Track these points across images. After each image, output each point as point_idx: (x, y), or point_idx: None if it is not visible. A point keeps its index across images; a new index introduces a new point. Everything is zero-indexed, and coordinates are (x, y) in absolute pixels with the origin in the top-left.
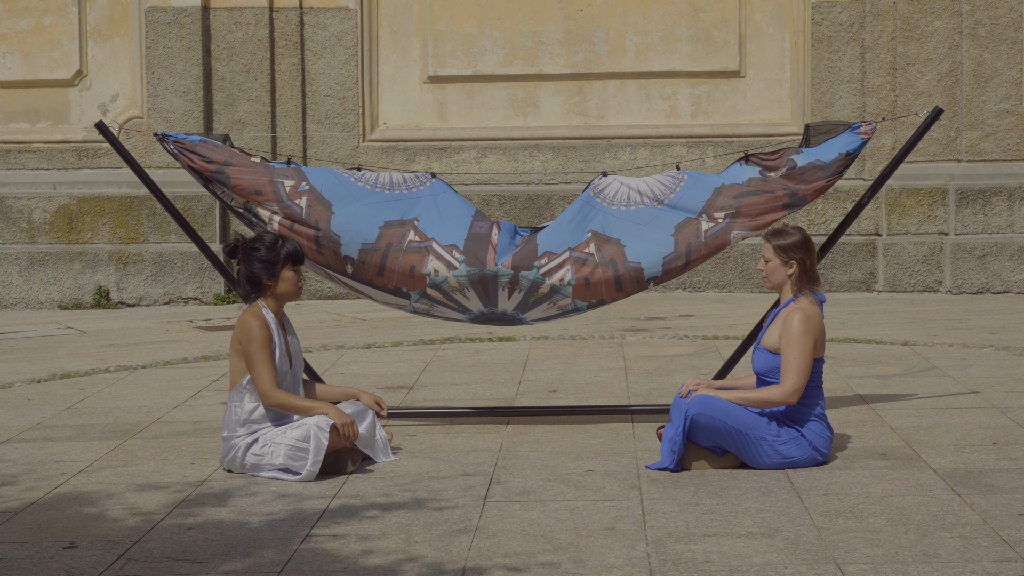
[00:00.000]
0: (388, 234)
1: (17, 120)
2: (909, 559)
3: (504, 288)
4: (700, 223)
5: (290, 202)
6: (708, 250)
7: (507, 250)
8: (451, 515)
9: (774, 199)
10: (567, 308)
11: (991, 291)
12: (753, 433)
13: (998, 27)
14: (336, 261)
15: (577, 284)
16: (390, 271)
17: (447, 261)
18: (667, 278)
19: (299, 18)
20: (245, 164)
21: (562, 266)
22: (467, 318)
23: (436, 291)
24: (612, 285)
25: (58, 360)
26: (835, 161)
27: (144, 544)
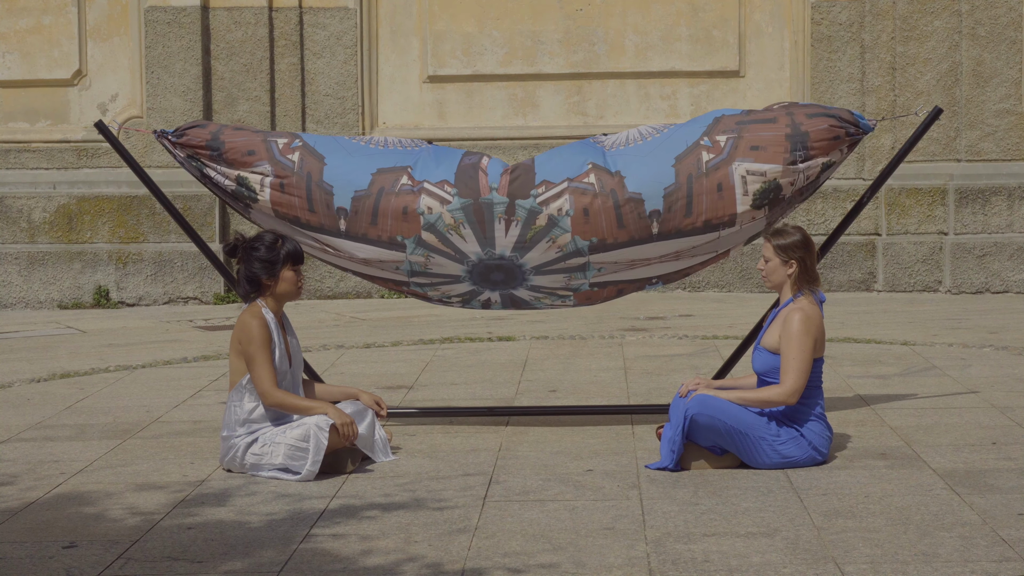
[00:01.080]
0: (380, 179)
1: (17, 120)
2: (908, 559)
3: (500, 220)
4: (701, 152)
5: (282, 157)
6: (709, 185)
7: (498, 169)
8: (451, 515)
9: (776, 128)
10: (568, 251)
11: (990, 291)
12: (753, 433)
13: (998, 27)
14: (328, 218)
15: (576, 215)
16: (383, 216)
17: (440, 196)
18: (670, 222)
19: (298, 18)
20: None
21: (560, 195)
22: (465, 272)
23: (431, 234)
24: (612, 219)
25: (58, 360)
26: (837, 109)
27: (144, 544)
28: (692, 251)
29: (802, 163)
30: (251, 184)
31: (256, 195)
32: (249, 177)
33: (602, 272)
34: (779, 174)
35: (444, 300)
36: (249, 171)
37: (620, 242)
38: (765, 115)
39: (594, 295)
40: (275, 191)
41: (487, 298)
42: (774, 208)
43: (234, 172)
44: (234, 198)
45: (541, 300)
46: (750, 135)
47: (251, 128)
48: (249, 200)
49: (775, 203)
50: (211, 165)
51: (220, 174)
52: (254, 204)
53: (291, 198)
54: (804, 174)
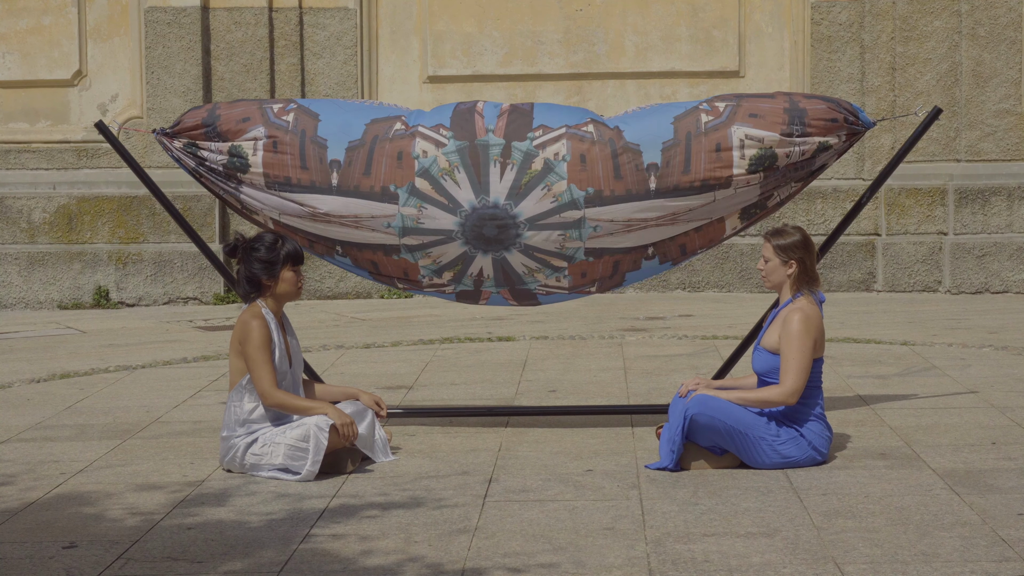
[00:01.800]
0: (374, 128)
1: (17, 120)
2: (908, 559)
3: (496, 163)
4: (700, 114)
5: (277, 119)
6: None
7: (494, 110)
8: (450, 515)
9: (774, 103)
10: (563, 201)
11: (990, 291)
12: (752, 433)
13: (997, 27)
14: (320, 174)
15: (572, 160)
16: (376, 164)
17: (435, 140)
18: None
19: (298, 18)
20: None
21: (557, 140)
22: (457, 225)
23: (425, 181)
24: (610, 168)
25: (57, 360)
26: (839, 100)
27: (144, 544)
28: (688, 214)
29: (798, 137)
30: (243, 152)
31: (247, 161)
32: (242, 145)
33: (598, 232)
34: (776, 143)
35: (435, 283)
36: (242, 139)
37: (617, 195)
38: (764, 93)
39: (589, 268)
40: (267, 152)
41: (479, 269)
42: (768, 176)
43: (227, 144)
44: (226, 177)
45: (535, 275)
46: (749, 104)
47: (248, 100)
48: (240, 171)
49: (769, 171)
50: (205, 146)
51: (214, 151)
52: (245, 174)
53: (283, 156)
54: (800, 148)
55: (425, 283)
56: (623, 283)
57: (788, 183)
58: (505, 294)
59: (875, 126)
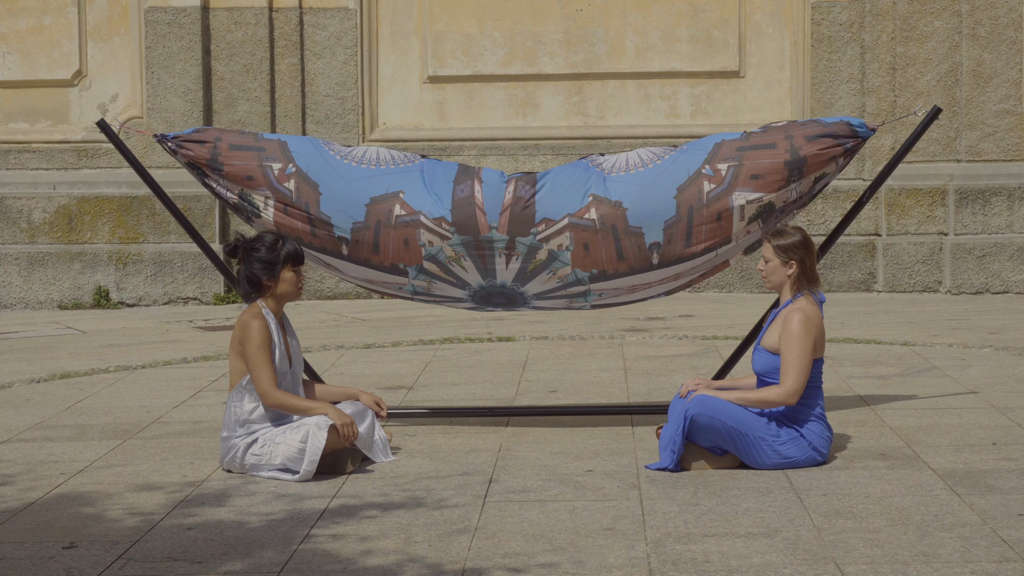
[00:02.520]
0: (375, 211)
1: (17, 120)
2: (908, 559)
3: (501, 254)
4: (702, 182)
5: (280, 186)
6: (709, 215)
7: (496, 204)
8: (450, 515)
9: (775, 155)
10: (568, 280)
11: (990, 291)
12: (752, 433)
13: (998, 27)
14: (331, 244)
15: (576, 250)
16: (384, 247)
17: (439, 233)
18: (670, 252)
19: (299, 18)
20: (235, 137)
21: (561, 232)
22: (467, 295)
23: (433, 264)
24: (612, 252)
25: (57, 360)
26: (836, 124)
27: (144, 544)
28: (691, 272)
29: (795, 183)
30: (255, 201)
31: (260, 212)
32: (252, 195)
33: (603, 297)
34: (774, 198)
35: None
36: (252, 191)
37: (620, 272)
38: (764, 139)
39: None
40: (279, 212)
41: (489, 310)
42: (767, 220)
43: (237, 188)
44: (236, 209)
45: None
46: (750, 163)
47: (246, 140)
48: (252, 214)
49: (768, 216)
50: (213, 178)
51: (223, 187)
52: (257, 219)
53: (294, 222)
54: (797, 190)
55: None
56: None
57: (787, 215)
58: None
59: (875, 133)
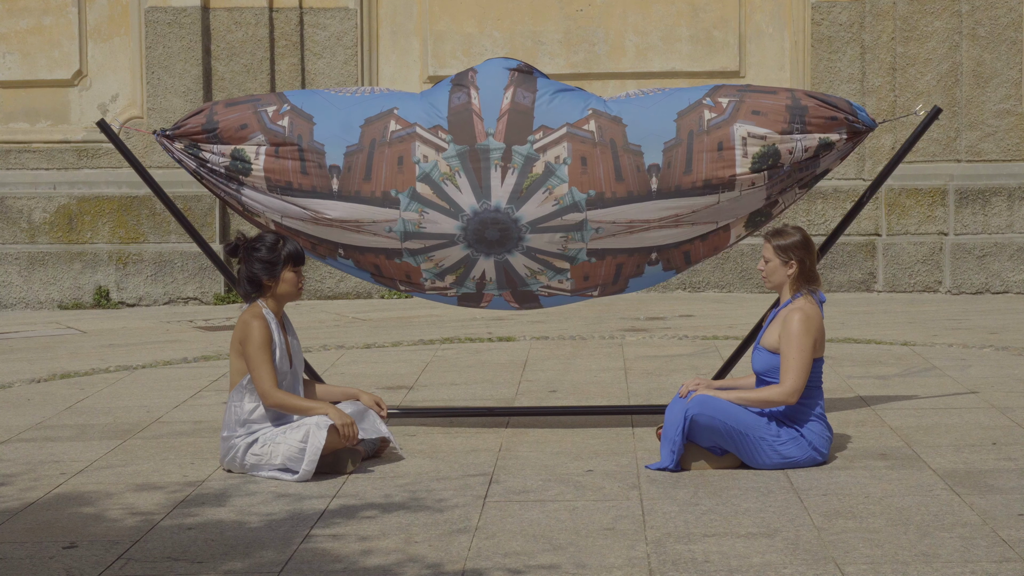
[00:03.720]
0: (370, 131)
1: (17, 120)
2: (909, 559)
3: (497, 167)
4: (703, 110)
5: (273, 125)
6: (710, 143)
7: (493, 109)
8: (451, 515)
9: (776, 99)
10: (565, 204)
11: (991, 291)
12: (753, 433)
13: (998, 27)
14: (321, 179)
15: (573, 163)
16: (377, 169)
17: (434, 144)
18: (669, 179)
19: (299, 18)
20: (232, 100)
21: (558, 142)
22: (460, 229)
23: (426, 185)
24: (611, 169)
25: (58, 360)
26: (836, 98)
27: (144, 544)
28: (692, 216)
29: (799, 134)
30: (246, 155)
31: (251, 164)
32: (244, 148)
33: (600, 234)
34: (778, 140)
35: (438, 286)
36: (245, 144)
37: (618, 197)
38: (766, 88)
39: (592, 271)
40: (269, 157)
41: (482, 272)
42: (772, 176)
43: (229, 148)
44: (227, 179)
45: (537, 277)
46: (752, 100)
47: (243, 99)
48: (243, 174)
49: (773, 169)
50: (207, 148)
51: (216, 153)
52: (247, 177)
53: (284, 162)
54: (802, 144)
55: (427, 286)
56: (626, 289)
57: (792, 187)
58: (507, 296)
59: (876, 127)
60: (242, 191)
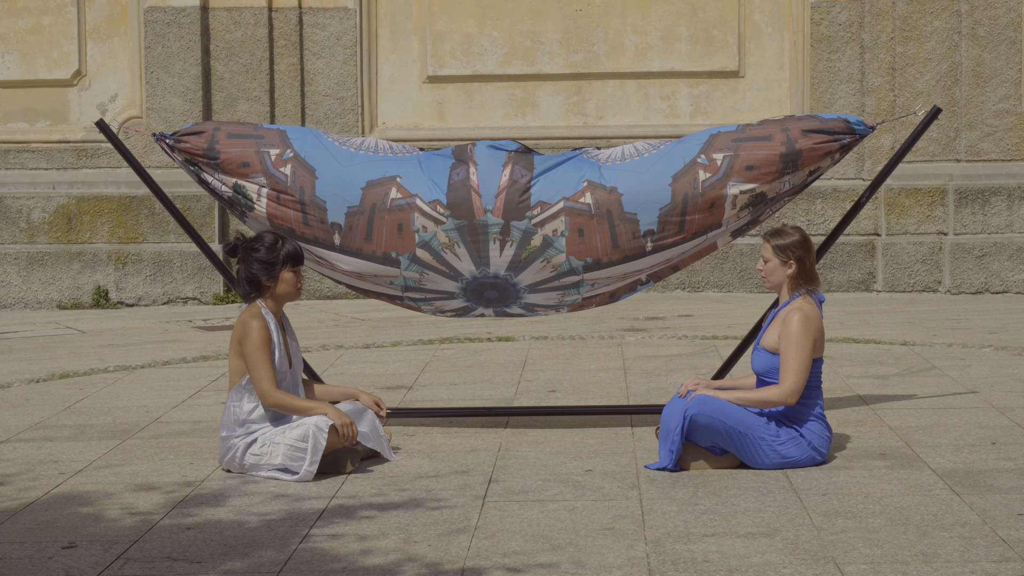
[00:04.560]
0: (371, 195)
1: (16, 120)
2: (908, 559)
3: (495, 240)
4: (698, 171)
5: (275, 171)
6: (703, 204)
7: (492, 186)
8: (450, 515)
9: (771, 147)
10: (562, 270)
11: (990, 291)
12: (752, 433)
13: (997, 27)
14: (324, 233)
15: (571, 236)
16: (378, 233)
17: (433, 217)
18: (663, 240)
19: (298, 18)
20: (234, 127)
21: (556, 216)
22: (459, 288)
23: (426, 251)
24: (607, 239)
25: (57, 360)
26: (834, 120)
27: (143, 544)
28: (681, 255)
29: (789, 174)
30: (248, 193)
31: (253, 204)
32: (246, 185)
33: (595, 287)
34: (767, 189)
35: (438, 313)
36: (246, 180)
37: (614, 260)
38: (761, 131)
39: (587, 303)
40: (271, 202)
41: (481, 314)
42: (758, 207)
43: (231, 180)
44: (230, 204)
45: (535, 311)
46: (746, 154)
47: (245, 129)
48: (245, 208)
49: (759, 205)
50: (208, 171)
51: (218, 180)
52: (250, 212)
53: (286, 211)
54: (790, 181)
55: (427, 312)
56: (617, 301)
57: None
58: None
59: (874, 131)
60: (245, 218)
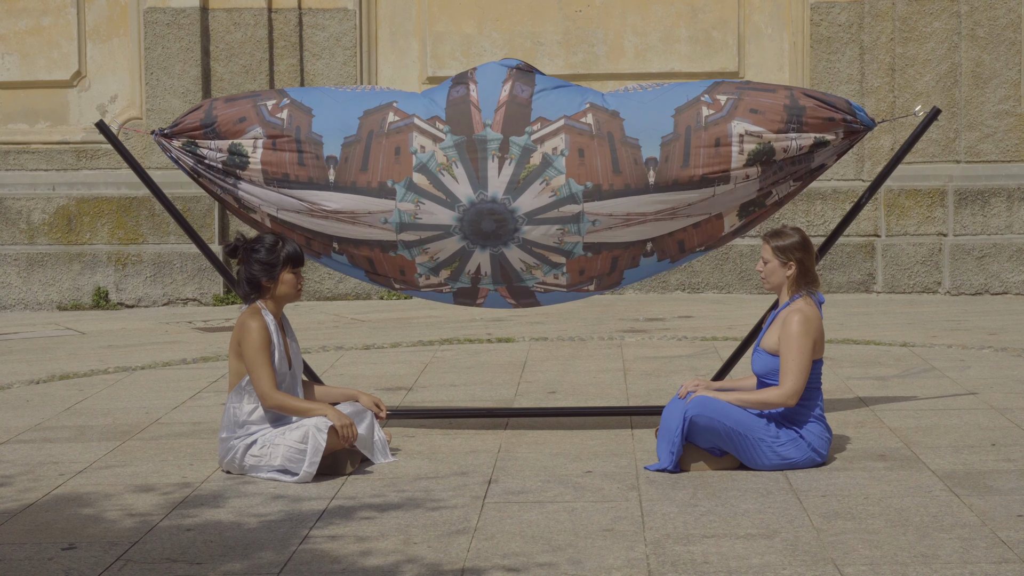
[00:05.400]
0: (368, 122)
1: (16, 121)
2: (908, 560)
3: (494, 158)
4: (701, 107)
5: (272, 118)
6: (707, 138)
7: (491, 101)
8: (449, 516)
9: (775, 98)
10: (562, 195)
11: (990, 292)
12: (752, 434)
13: (997, 28)
14: (318, 171)
15: (571, 155)
16: (374, 159)
17: (432, 134)
18: (667, 174)
19: (298, 19)
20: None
21: (556, 134)
22: (456, 220)
23: (423, 176)
24: (608, 162)
25: (57, 361)
26: (834, 96)
27: (143, 545)
28: (687, 209)
29: (795, 133)
30: (243, 149)
31: (247, 158)
32: (242, 143)
33: (596, 227)
34: (773, 139)
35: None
36: (242, 138)
37: (616, 189)
38: (764, 85)
39: (588, 265)
40: (267, 151)
41: (477, 265)
42: (766, 170)
43: (226, 143)
44: (224, 174)
45: (532, 272)
46: (750, 99)
47: (243, 95)
48: (240, 168)
49: (767, 164)
50: (204, 144)
51: (213, 149)
52: (244, 171)
53: (281, 155)
54: (797, 143)
55: (421, 283)
56: (621, 282)
57: (787, 180)
58: (503, 292)
59: (875, 127)
60: (239, 185)
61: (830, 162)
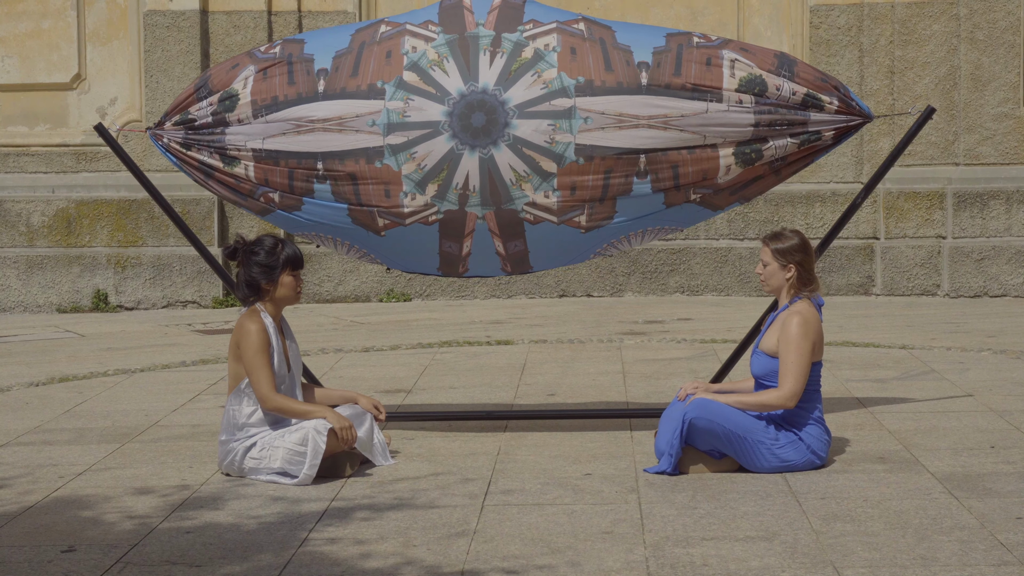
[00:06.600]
0: (360, 36)
1: (15, 123)
2: (907, 563)
3: (486, 51)
4: (692, 36)
5: (264, 55)
6: (699, 56)
7: (484, 4)
8: (449, 518)
9: (766, 48)
10: (553, 88)
11: (989, 294)
12: (751, 437)
13: (996, 31)
14: (307, 85)
15: (563, 51)
16: (365, 64)
17: (424, 36)
18: (659, 79)
19: (297, 21)
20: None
21: (548, 33)
22: (445, 115)
23: (414, 73)
24: (600, 60)
25: (56, 364)
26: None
27: (142, 548)
28: (680, 121)
29: (786, 79)
30: (233, 91)
31: (237, 97)
32: (232, 86)
33: (589, 125)
34: (765, 74)
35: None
36: (233, 82)
37: (608, 86)
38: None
39: (579, 180)
40: (257, 83)
41: (465, 176)
42: (760, 104)
43: (217, 95)
44: (212, 129)
45: (522, 187)
46: (740, 43)
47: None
48: (228, 112)
49: (761, 97)
50: (196, 107)
51: (204, 107)
52: (232, 113)
53: (271, 80)
54: (790, 87)
55: (407, 208)
56: (614, 216)
57: (783, 134)
58: (491, 224)
59: (874, 119)
60: (226, 133)
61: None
